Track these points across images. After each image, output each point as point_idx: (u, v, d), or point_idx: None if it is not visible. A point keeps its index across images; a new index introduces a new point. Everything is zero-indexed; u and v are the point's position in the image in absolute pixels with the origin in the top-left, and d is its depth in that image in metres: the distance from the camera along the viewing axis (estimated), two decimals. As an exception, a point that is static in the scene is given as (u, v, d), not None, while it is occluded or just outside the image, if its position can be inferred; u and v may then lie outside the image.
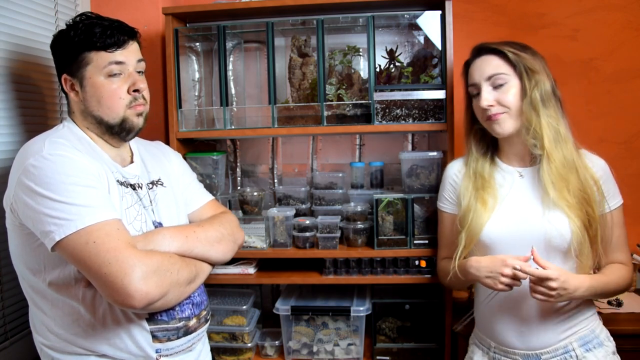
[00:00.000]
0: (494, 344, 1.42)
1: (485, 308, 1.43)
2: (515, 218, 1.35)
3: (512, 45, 1.35)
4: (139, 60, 1.25)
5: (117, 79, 1.20)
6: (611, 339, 1.40)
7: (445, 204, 1.52)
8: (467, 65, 1.42)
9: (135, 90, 1.22)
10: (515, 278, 1.24)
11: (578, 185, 1.30)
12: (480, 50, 1.38)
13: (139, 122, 1.25)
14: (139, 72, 1.25)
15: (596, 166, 1.36)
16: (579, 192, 1.29)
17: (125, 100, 1.21)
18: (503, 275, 1.24)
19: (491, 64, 1.34)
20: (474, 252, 1.41)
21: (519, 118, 1.34)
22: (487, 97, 1.34)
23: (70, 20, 1.21)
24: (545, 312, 1.34)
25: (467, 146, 1.48)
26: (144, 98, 1.26)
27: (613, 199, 1.36)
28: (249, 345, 1.88)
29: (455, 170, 1.50)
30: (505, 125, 1.34)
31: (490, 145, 1.47)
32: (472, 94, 1.40)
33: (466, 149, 1.49)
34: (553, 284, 1.20)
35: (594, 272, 1.35)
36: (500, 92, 1.33)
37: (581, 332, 1.35)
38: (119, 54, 1.19)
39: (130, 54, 1.22)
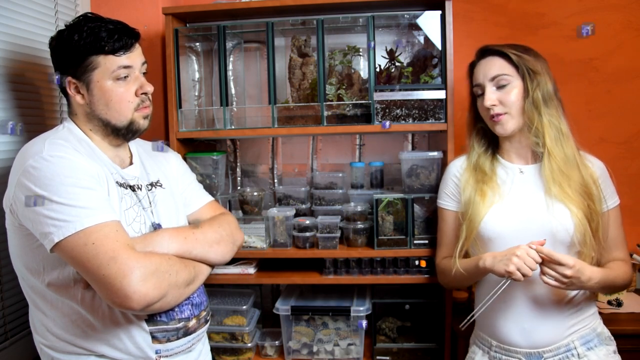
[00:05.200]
0: (495, 343, 1.42)
1: (487, 306, 1.43)
2: (518, 213, 1.36)
3: (514, 47, 1.39)
4: (143, 63, 1.25)
5: (125, 82, 1.20)
6: (612, 338, 1.41)
7: (447, 201, 1.52)
8: (472, 67, 1.46)
9: (143, 93, 1.23)
10: (527, 264, 1.23)
11: (579, 180, 1.34)
12: (485, 52, 1.43)
13: (144, 124, 1.26)
14: (143, 73, 1.26)
15: (595, 166, 1.39)
16: (579, 187, 1.33)
17: (134, 103, 1.22)
18: (515, 255, 1.24)
19: (495, 65, 1.39)
20: (476, 249, 1.42)
21: (521, 118, 1.38)
22: (491, 96, 1.38)
23: (71, 22, 1.20)
24: (549, 309, 1.35)
25: (469, 144, 1.52)
26: (149, 100, 1.27)
27: (611, 199, 1.39)
28: (249, 345, 1.88)
29: (457, 166, 1.52)
30: (507, 126, 1.39)
31: (492, 143, 1.50)
32: (477, 94, 1.45)
33: (468, 147, 1.52)
34: (568, 272, 1.22)
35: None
36: (503, 92, 1.38)
37: (583, 331, 1.36)
38: (126, 58, 1.19)
39: (136, 57, 1.22)
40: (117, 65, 1.18)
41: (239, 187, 2.20)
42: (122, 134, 1.24)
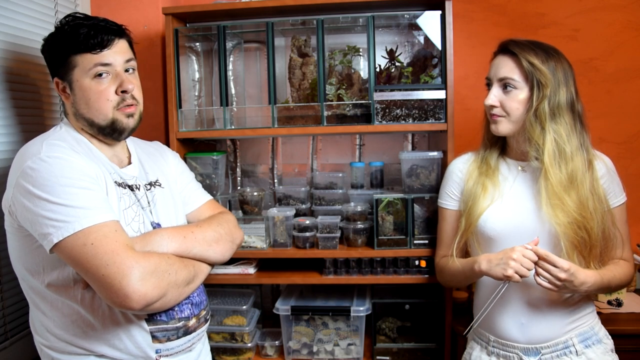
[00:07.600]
0: (493, 337, 1.42)
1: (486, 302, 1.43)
2: (518, 212, 1.36)
3: (535, 52, 1.31)
4: (128, 60, 1.22)
5: (105, 80, 1.18)
6: (609, 337, 1.41)
7: (447, 200, 1.52)
8: (494, 56, 1.41)
9: (123, 91, 1.19)
10: (524, 266, 1.23)
11: (575, 205, 1.28)
12: (503, 48, 1.37)
13: (129, 122, 1.23)
14: (127, 70, 1.22)
15: (601, 163, 1.36)
16: (576, 209, 1.28)
17: (113, 101, 1.19)
18: (512, 259, 1.23)
19: (506, 67, 1.34)
20: (476, 249, 1.42)
21: (518, 125, 1.35)
22: (493, 97, 1.36)
23: (58, 22, 1.20)
24: (548, 305, 1.35)
25: (483, 134, 1.48)
26: (134, 98, 1.23)
27: (615, 197, 1.37)
28: (249, 345, 1.88)
29: (463, 160, 1.51)
30: (501, 128, 1.37)
31: (501, 139, 1.47)
32: (487, 85, 1.41)
33: (482, 138, 1.49)
34: (562, 275, 1.21)
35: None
36: (508, 96, 1.34)
37: (581, 328, 1.36)
38: (103, 55, 1.17)
39: (116, 54, 1.19)
40: (93, 63, 1.16)
41: (239, 187, 2.20)
42: (107, 133, 1.22)
